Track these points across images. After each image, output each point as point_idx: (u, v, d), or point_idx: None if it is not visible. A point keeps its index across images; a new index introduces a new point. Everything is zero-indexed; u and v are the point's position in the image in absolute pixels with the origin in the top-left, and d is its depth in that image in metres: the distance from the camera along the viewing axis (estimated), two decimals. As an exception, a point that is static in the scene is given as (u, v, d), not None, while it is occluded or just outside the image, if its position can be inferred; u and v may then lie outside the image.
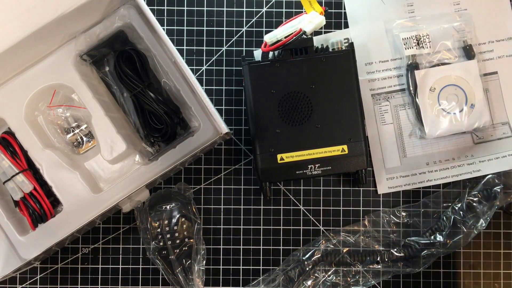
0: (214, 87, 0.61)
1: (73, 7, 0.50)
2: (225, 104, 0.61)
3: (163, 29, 0.57)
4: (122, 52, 0.55)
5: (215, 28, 0.61)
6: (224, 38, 0.61)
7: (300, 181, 0.61)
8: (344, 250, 0.59)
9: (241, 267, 0.60)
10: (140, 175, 0.54)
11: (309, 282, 0.59)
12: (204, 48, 0.61)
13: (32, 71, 0.54)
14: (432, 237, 0.59)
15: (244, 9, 0.62)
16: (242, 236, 0.60)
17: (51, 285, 0.60)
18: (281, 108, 0.55)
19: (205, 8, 0.61)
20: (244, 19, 0.61)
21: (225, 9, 0.61)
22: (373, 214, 0.60)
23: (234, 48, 0.61)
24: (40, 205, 0.52)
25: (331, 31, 0.61)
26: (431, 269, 0.60)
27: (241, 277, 0.60)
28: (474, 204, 0.59)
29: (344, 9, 0.61)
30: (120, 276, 0.60)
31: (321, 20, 0.51)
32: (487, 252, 0.60)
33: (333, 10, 0.61)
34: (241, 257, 0.60)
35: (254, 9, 0.61)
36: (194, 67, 0.61)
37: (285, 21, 0.56)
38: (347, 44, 0.60)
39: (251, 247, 0.60)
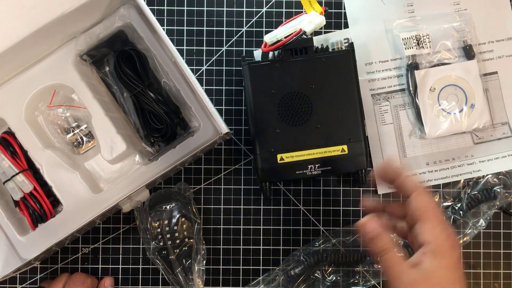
0: (214, 87, 0.61)
1: (73, 7, 0.50)
2: (225, 104, 0.61)
3: (163, 29, 0.57)
4: (122, 52, 0.55)
5: (215, 28, 0.61)
6: (224, 38, 0.61)
7: (300, 181, 0.61)
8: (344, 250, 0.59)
9: (241, 267, 0.60)
10: (140, 175, 0.54)
11: (309, 282, 0.59)
12: (204, 48, 0.61)
13: (32, 71, 0.54)
14: (432, 237, 0.59)
15: (244, 9, 0.62)
16: (242, 236, 0.60)
17: (51, 285, 0.60)
18: (281, 108, 0.55)
19: (205, 8, 0.61)
20: (244, 19, 0.61)
21: (225, 9, 0.61)
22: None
23: (234, 48, 0.61)
24: (40, 205, 0.52)
25: (331, 31, 0.61)
26: (431, 269, 0.60)
27: (241, 277, 0.60)
28: (474, 204, 0.59)
29: (344, 9, 0.61)
30: (120, 276, 0.60)
31: (321, 20, 0.51)
32: (487, 252, 0.60)
33: (333, 10, 0.61)
34: (241, 257, 0.60)
35: (254, 9, 0.61)
36: (194, 67, 0.61)
37: (285, 21, 0.56)
38: (347, 44, 0.60)
39: (251, 247, 0.60)
